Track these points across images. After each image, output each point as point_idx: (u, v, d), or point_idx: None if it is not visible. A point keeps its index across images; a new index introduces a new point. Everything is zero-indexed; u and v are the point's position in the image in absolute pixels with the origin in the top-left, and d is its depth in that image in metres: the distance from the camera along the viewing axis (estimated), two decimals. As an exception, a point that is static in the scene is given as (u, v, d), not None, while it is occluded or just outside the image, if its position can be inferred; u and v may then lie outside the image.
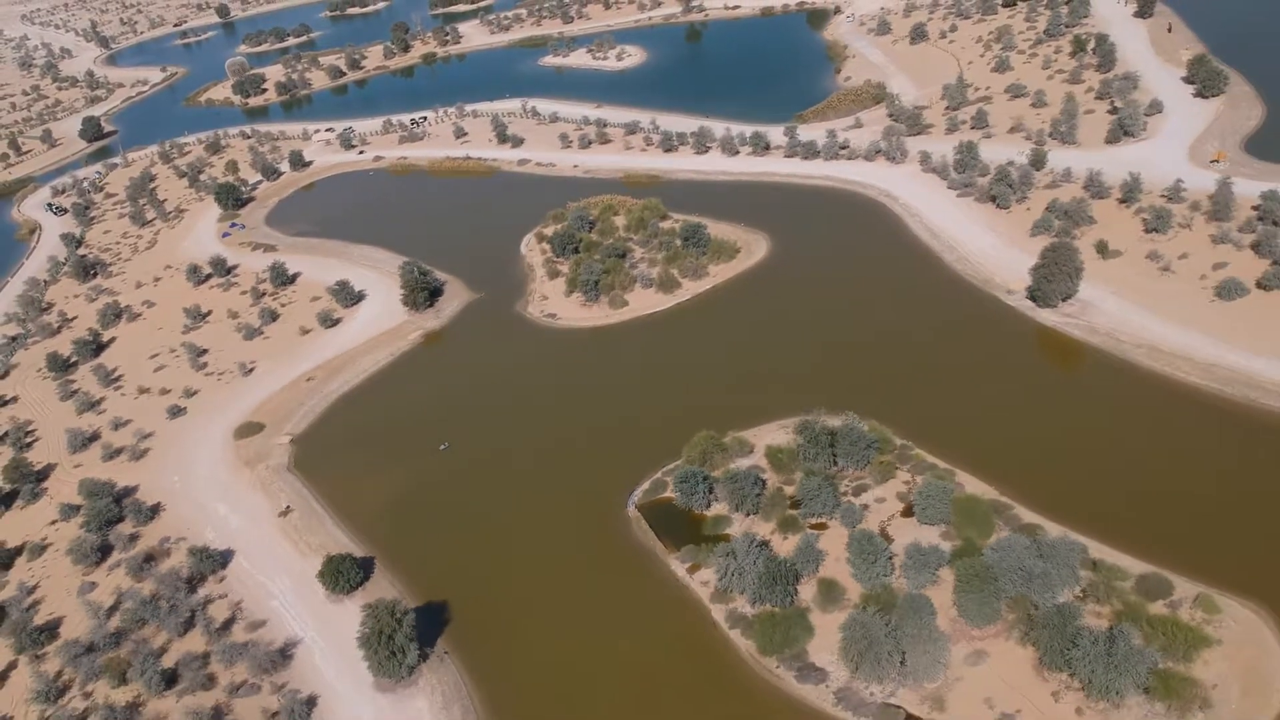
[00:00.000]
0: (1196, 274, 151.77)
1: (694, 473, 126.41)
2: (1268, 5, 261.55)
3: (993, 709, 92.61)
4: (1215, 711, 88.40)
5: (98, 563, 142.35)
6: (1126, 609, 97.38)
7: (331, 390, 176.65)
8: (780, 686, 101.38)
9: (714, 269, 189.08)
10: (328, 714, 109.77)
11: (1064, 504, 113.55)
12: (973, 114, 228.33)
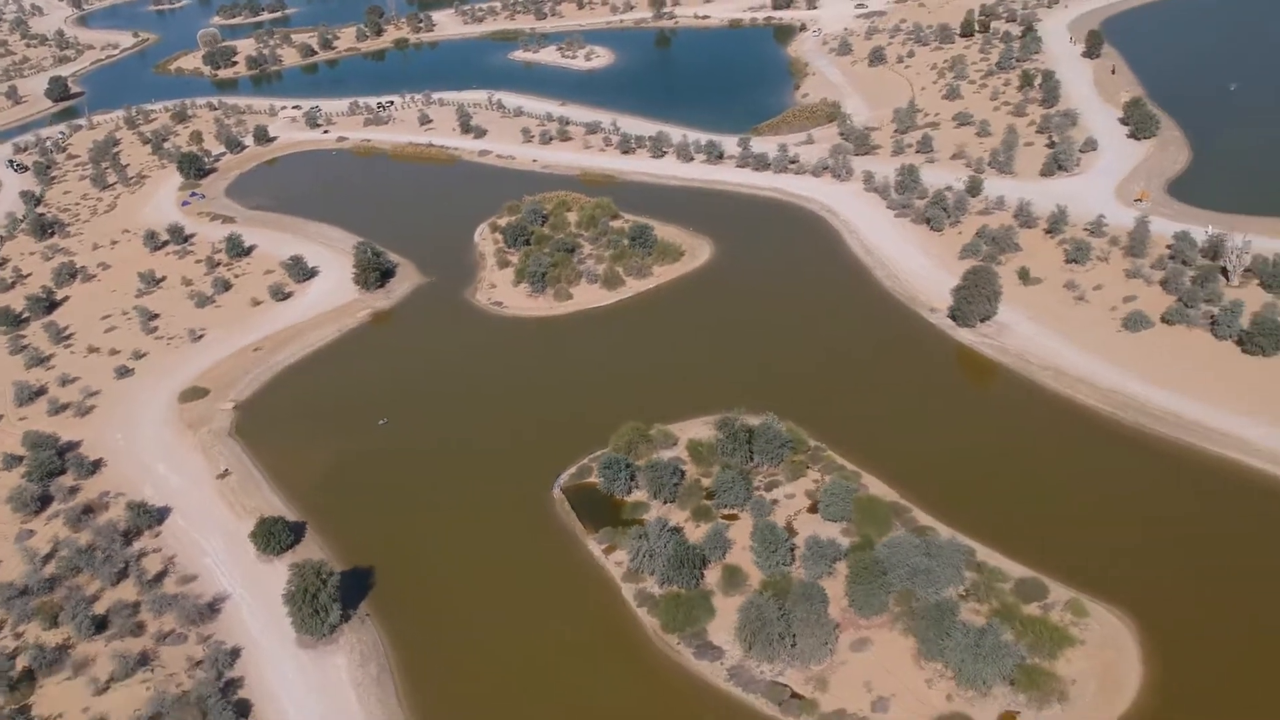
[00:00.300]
0: (1108, 305, 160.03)
1: (617, 460, 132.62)
2: (1204, 56, 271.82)
3: (870, 692, 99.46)
4: (1071, 705, 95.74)
5: (37, 512, 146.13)
6: (1003, 608, 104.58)
7: (278, 361, 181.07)
8: (679, 662, 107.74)
9: (658, 269, 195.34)
10: (251, 666, 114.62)
11: (959, 509, 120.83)
12: (919, 138, 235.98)
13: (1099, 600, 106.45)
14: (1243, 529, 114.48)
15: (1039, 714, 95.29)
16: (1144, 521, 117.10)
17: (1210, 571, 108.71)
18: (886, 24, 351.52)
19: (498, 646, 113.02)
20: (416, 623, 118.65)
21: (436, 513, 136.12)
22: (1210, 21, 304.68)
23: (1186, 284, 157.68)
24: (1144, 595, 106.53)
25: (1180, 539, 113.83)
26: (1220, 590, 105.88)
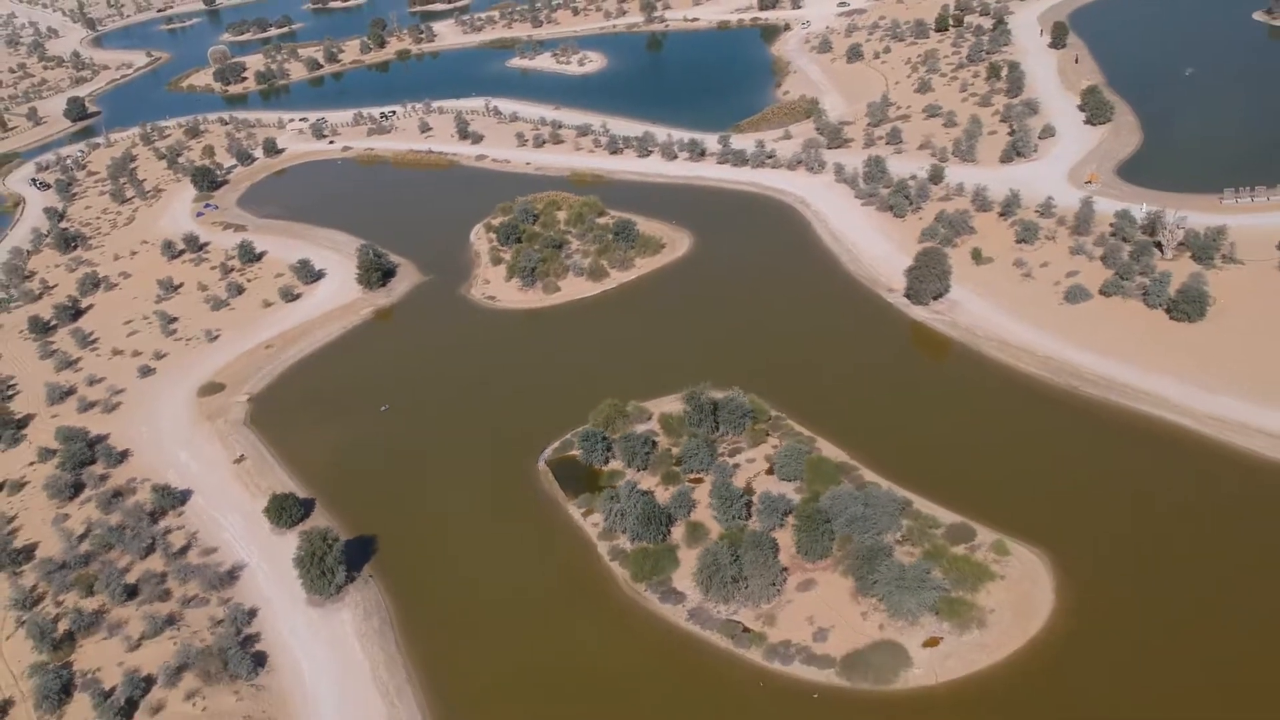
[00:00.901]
0: (1052, 280, 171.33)
1: (594, 433, 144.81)
2: (1164, 44, 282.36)
3: (812, 625, 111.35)
4: (989, 630, 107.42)
5: (71, 498, 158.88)
6: (933, 549, 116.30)
7: (288, 357, 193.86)
8: (646, 606, 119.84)
9: (640, 261, 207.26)
10: (266, 623, 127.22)
11: (902, 467, 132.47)
12: (889, 131, 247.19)
13: (1021, 541, 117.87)
14: (1154, 476, 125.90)
15: (960, 639, 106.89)
16: (1067, 472, 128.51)
17: (1122, 513, 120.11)
18: (866, 21, 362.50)
19: (486, 599, 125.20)
20: (414, 582, 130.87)
21: (433, 487, 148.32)
22: (1173, 9, 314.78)
23: (1124, 259, 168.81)
24: (1061, 536, 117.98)
25: (1098, 486, 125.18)
26: (1129, 529, 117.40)
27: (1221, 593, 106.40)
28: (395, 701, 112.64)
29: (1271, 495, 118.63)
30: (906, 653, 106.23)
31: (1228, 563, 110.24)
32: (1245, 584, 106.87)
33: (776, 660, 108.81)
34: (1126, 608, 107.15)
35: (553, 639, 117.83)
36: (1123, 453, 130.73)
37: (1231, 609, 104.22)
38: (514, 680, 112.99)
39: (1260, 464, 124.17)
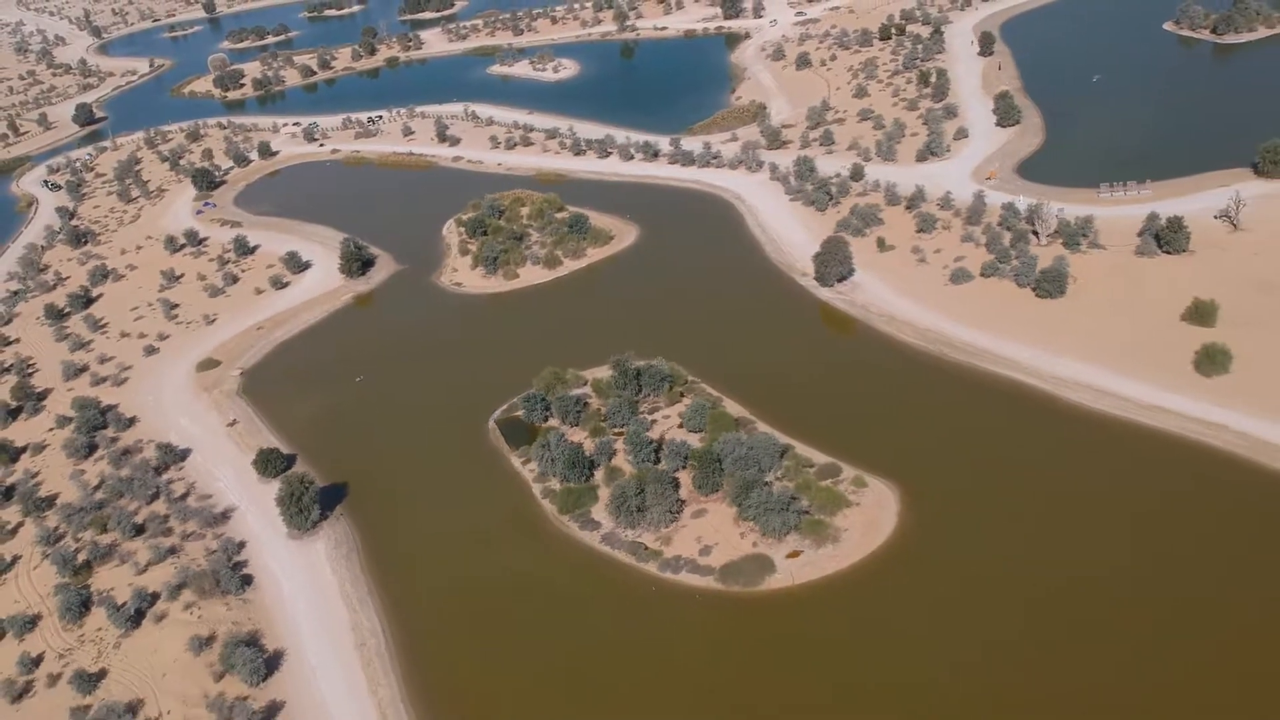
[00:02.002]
0: (942, 264, 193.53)
1: (535, 396, 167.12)
2: (1080, 51, 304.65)
3: (700, 544, 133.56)
4: (840, 545, 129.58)
5: (86, 456, 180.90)
6: (804, 483, 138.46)
7: (276, 337, 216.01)
8: (568, 533, 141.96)
9: (591, 251, 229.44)
10: (252, 552, 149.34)
11: (791, 418, 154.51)
12: (823, 133, 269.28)
13: (878, 477, 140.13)
14: (1000, 424, 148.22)
15: (816, 552, 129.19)
16: (926, 422, 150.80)
17: (966, 456, 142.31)
18: (818, 30, 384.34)
19: (438, 532, 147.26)
20: (378, 520, 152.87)
21: (399, 444, 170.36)
22: (1094, 20, 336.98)
23: (1004, 245, 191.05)
24: (912, 473, 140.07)
25: (950, 433, 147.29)
26: (970, 468, 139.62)
27: (1037, 518, 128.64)
28: (357, 609, 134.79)
29: (1089, 440, 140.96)
30: (772, 562, 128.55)
31: (1045, 494, 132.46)
32: (1055, 512, 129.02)
33: (669, 571, 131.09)
34: (953, 529, 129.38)
35: (492, 560, 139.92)
36: (975, 407, 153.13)
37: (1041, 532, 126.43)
38: (458, 590, 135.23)
39: (1086, 414, 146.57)
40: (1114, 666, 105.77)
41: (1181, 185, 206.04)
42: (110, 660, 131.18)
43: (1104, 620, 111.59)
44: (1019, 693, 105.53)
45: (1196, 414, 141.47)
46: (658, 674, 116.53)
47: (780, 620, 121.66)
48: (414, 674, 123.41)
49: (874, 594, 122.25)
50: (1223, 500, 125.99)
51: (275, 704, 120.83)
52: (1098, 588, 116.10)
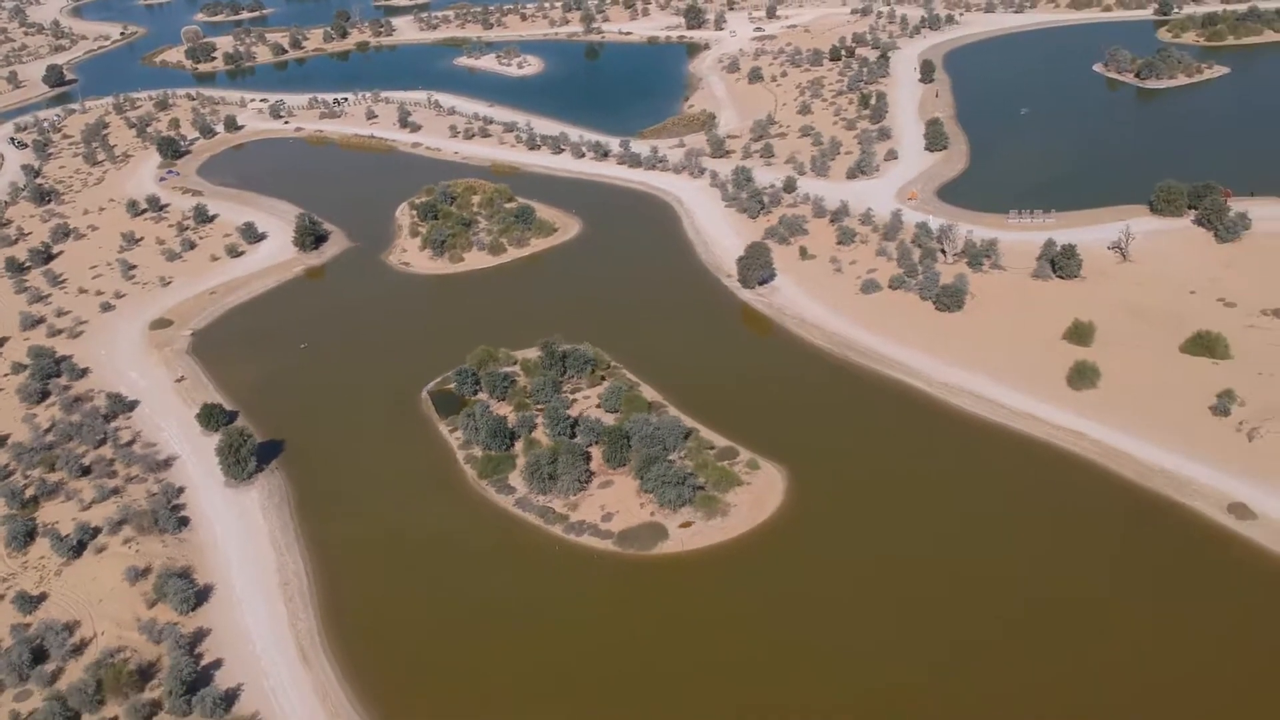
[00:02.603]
0: (855, 275, 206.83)
1: (466, 371, 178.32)
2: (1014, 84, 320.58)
3: (603, 511, 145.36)
4: (729, 518, 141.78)
5: (38, 401, 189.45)
6: (702, 462, 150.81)
7: (228, 302, 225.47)
8: (485, 495, 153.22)
9: (535, 241, 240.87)
10: (191, 498, 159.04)
11: (700, 405, 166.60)
12: (764, 146, 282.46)
13: (771, 460, 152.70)
14: (886, 422, 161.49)
15: (707, 523, 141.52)
16: (822, 415, 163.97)
17: (853, 446, 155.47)
18: (774, 46, 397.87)
19: (365, 488, 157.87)
20: (310, 475, 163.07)
21: (336, 408, 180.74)
22: (1030, 57, 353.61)
23: (913, 261, 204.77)
24: (802, 458, 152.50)
25: (842, 426, 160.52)
26: (854, 456, 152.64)
27: (905, 503, 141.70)
28: (284, 552, 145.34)
29: (962, 440, 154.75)
30: (666, 530, 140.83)
31: (916, 483, 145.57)
32: (922, 498, 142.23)
33: (573, 533, 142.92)
34: (831, 509, 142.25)
35: (413, 516, 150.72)
36: (866, 404, 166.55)
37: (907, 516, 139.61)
38: (378, 541, 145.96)
39: (963, 416, 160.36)
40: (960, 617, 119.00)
41: (1083, 217, 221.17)
42: (51, 585, 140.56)
43: (955, 584, 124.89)
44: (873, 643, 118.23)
45: (1061, 422, 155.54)
46: (555, 622, 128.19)
47: (668, 581, 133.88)
48: (331, 612, 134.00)
49: (753, 562, 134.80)
50: (1069, 496, 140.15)
51: (202, 630, 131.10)
52: (958, 569, 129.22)
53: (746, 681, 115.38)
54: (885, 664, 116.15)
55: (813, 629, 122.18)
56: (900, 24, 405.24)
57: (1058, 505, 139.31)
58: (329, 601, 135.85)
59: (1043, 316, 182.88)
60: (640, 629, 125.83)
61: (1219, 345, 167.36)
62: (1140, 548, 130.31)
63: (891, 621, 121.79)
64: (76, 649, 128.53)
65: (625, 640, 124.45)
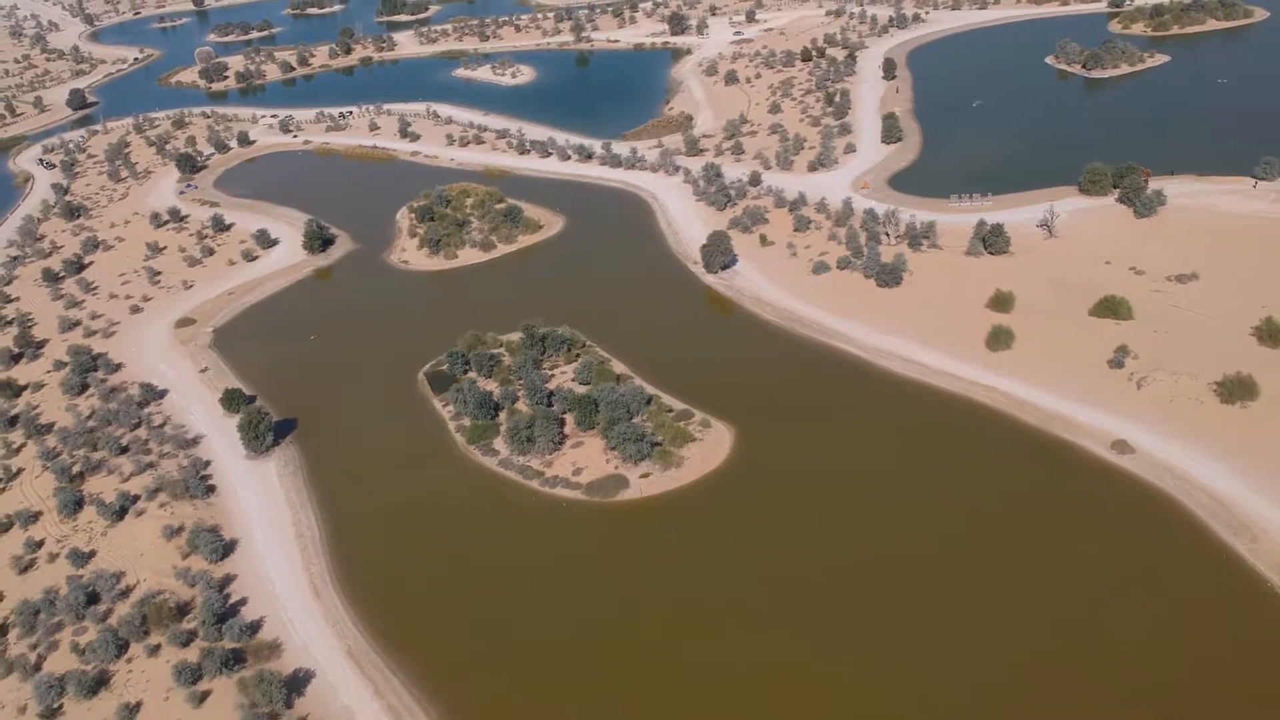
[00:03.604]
0: (808, 258, 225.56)
1: (457, 353, 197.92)
2: (969, 78, 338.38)
3: (574, 467, 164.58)
4: (682, 469, 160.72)
5: (79, 393, 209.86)
6: (661, 422, 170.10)
7: (245, 301, 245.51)
8: (473, 459, 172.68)
9: (522, 238, 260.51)
10: (217, 469, 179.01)
11: (662, 376, 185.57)
12: (735, 144, 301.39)
13: (722, 420, 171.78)
14: (824, 383, 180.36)
15: (663, 474, 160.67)
16: (769, 380, 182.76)
17: (795, 405, 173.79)
18: (750, 50, 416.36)
19: (369, 456, 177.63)
20: (320, 447, 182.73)
21: (342, 390, 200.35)
22: (986, 51, 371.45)
23: (859, 244, 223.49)
24: (750, 417, 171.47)
25: (786, 389, 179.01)
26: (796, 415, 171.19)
27: (837, 452, 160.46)
28: (298, 511, 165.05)
29: (890, 396, 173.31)
30: (627, 481, 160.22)
31: (846, 435, 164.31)
32: (852, 448, 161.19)
33: (547, 486, 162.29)
34: (772, 459, 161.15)
35: (411, 479, 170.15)
36: (808, 370, 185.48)
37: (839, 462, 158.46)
38: (380, 500, 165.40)
39: (892, 376, 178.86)
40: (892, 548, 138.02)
41: (1018, 198, 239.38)
42: (98, 544, 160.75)
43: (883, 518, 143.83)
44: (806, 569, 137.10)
45: (977, 379, 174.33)
46: (532, 560, 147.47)
47: (628, 523, 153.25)
48: (339, 557, 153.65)
49: (701, 505, 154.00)
50: (979, 441, 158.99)
51: (229, 575, 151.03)
52: (879, 500, 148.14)
53: (693, 603, 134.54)
54: (812, 586, 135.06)
55: (752, 559, 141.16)
56: (870, 24, 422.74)
57: (968, 449, 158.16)
58: (337, 549, 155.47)
59: (971, 288, 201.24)
60: (604, 563, 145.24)
61: (1123, 308, 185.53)
62: (1033, 481, 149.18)
63: (819, 550, 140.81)
64: (123, 593, 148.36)
65: (590, 572, 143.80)
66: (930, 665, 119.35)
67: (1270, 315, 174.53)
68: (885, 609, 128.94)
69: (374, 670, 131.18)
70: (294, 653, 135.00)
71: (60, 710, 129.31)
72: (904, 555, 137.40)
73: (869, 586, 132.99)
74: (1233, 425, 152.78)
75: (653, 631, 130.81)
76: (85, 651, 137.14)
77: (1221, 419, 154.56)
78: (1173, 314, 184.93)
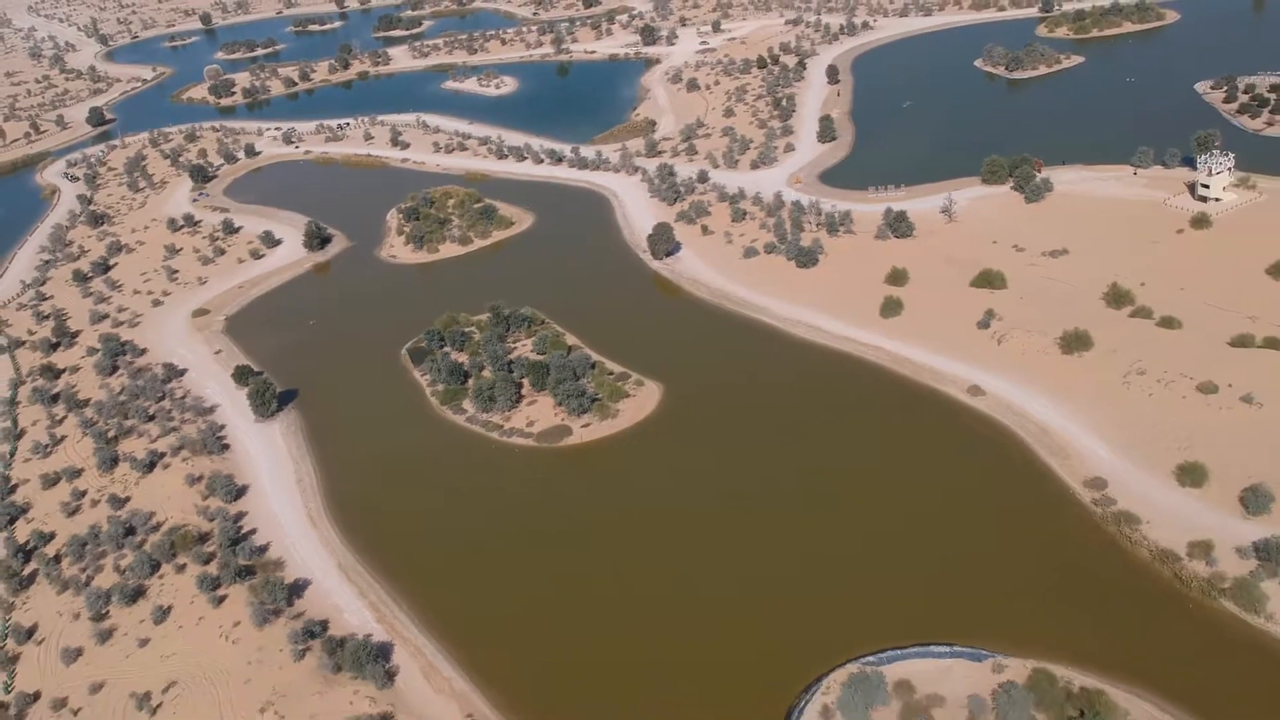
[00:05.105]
0: (741, 245, 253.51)
1: (434, 331, 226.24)
2: (905, 81, 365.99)
3: (528, 420, 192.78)
4: (616, 420, 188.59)
5: (110, 374, 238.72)
6: (602, 383, 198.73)
7: (253, 294, 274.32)
8: (446, 416, 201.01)
9: (496, 233, 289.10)
10: (230, 430, 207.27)
11: (608, 345, 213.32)
12: (689, 145, 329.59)
13: (653, 379, 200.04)
14: (744, 348, 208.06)
15: (601, 423, 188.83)
16: (697, 346, 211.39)
17: (716, 365, 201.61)
18: (712, 58, 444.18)
19: (358, 420, 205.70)
20: (317, 411, 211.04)
21: (337, 365, 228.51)
22: (922, 57, 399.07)
23: (785, 231, 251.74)
24: (678, 377, 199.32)
25: (711, 352, 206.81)
26: (716, 372, 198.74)
27: (750, 403, 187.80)
28: (299, 462, 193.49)
29: (796, 357, 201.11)
30: (571, 430, 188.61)
31: (759, 388, 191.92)
32: (762, 399, 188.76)
33: (505, 436, 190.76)
34: (694, 410, 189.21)
35: (394, 435, 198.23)
36: (731, 337, 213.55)
37: (751, 411, 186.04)
38: (367, 452, 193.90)
39: (799, 341, 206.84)
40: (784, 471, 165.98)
41: (928, 189, 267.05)
42: (132, 491, 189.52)
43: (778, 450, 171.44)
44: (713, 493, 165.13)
45: (869, 341, 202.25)
46: (491, 494, 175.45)
47: (570, 462, 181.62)
48: (332, 497, 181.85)
49: (631, 446, 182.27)
50: (864, 389, 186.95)
51: (241, 512, 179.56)
52: (777, 437, 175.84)
53: (622, 520, 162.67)
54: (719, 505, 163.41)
55: (670, 488, 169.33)
56: (823, 32, 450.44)
57: (853, 395, 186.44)
58: (330, 490, 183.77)
59: (874, 267, 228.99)
60: (549, 493, 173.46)
61: (997, 279, 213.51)
62: (902, 418, 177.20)
63: (726, 478, 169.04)
64: (154, 528, 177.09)
65: (539, 500, 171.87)
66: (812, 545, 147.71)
67: (1116, 282, 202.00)
68: (776, 514, 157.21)
69: (359, 578, 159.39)
70: (294, 567, 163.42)
71: (107, 615, 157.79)
72: (793, 475, 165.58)
73: (764, 501, 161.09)
74: (1068, 371, 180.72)
75: (589, 543, 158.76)
76: (125, 571, 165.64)
77: (1060, 366, 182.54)
78: (1041, 283, 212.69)
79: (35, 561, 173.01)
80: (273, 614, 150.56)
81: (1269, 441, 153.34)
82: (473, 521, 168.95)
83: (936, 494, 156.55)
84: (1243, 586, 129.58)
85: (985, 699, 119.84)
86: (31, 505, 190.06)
